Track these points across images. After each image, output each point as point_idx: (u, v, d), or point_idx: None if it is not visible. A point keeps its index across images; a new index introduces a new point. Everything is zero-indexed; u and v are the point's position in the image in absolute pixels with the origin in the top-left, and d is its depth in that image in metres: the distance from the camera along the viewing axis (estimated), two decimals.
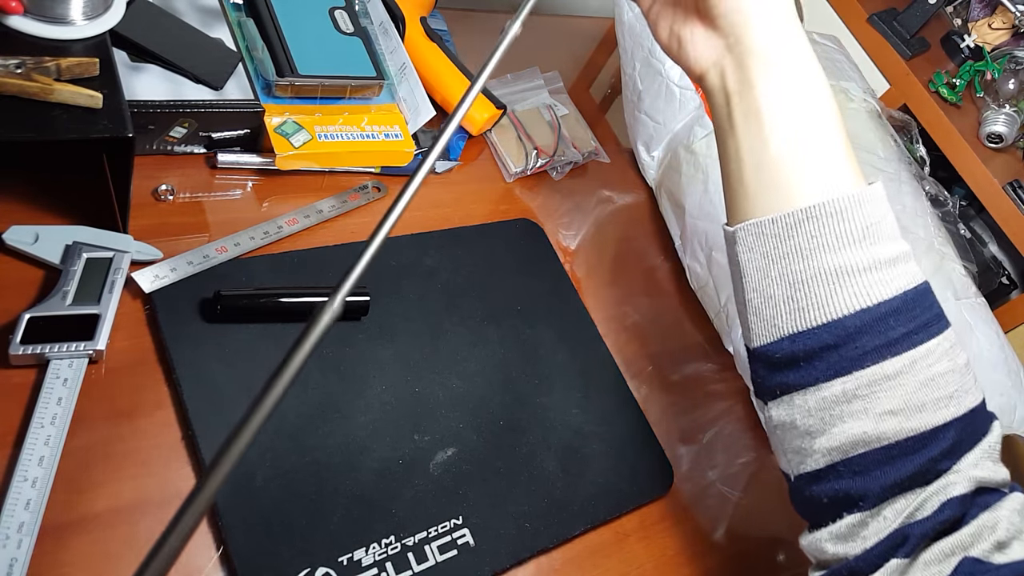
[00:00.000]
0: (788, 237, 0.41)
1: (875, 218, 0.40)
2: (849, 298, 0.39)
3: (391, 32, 0.66)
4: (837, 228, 0.40)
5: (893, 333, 0.39)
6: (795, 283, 0.40)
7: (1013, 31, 0.90)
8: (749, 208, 0.42)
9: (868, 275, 0.39)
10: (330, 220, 0.59)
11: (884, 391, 0.39)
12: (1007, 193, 0.81)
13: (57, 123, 0.41)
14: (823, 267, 0.40)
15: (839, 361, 0.40)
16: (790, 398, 0.42)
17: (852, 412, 0.40)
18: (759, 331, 0.43)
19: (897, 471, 0.39)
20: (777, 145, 0.41)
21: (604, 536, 0.55)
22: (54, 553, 0.39)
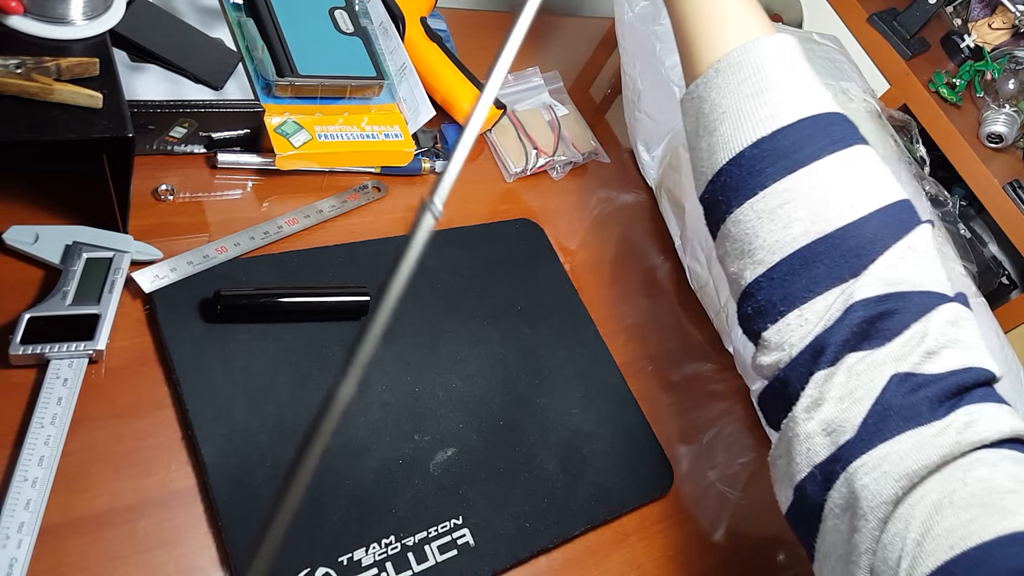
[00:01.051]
0: (707, 94, 0.45)
1: (769, 58, 0.44)
2: (747, 132, 0.43)
3: (391, 32, 0.66)
4: (735, 77, 0.44)
5: (792, 154, 0.42)
6: (709, 131, 0.45)
7: (1013, 31, 0.90)
8: (687, 78, 0.48)
9: (763, 109, 0.43)
10: (330, 220, 0.59)
11: (788, 203, 0.41)
12: (1007, 193, 0.81)
13: (57, 123, 0.41)
14: (727, 111, 0.44)
15: (747, 186, 0.43)
16: (721, 230, 0.45)
17: (764, 227, 0.42)
18: (697, 184, 0.47)
19: (810, 272, 0.41)
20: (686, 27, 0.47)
21: (604, 536, 0.55)
22: (54, 553, 0.39)
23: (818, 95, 0.46)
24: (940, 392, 0.37)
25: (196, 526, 0.43)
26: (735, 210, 0.44)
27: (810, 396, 0.39)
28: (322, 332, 0.52)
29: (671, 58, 0.73)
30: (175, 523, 0.43)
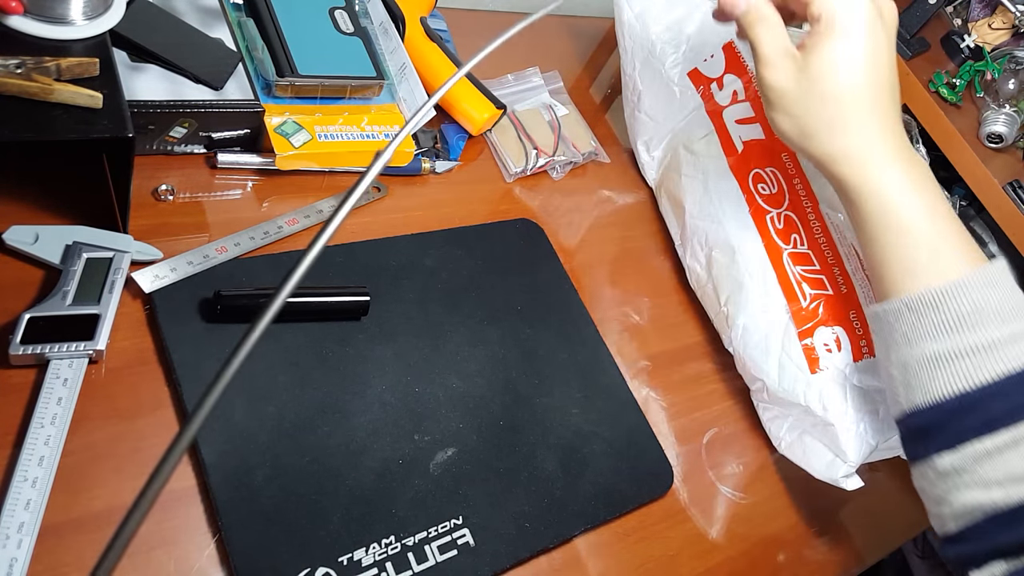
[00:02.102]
0: (896, 324, 0.46)
1: (973, 305, 0.43)
2: (947, 383, 0.43)
3: (391, 32, 0.66)
4: (933, 317, 0.44)
5: (994, 411, 0.42)
6: (904, 366, 0.45)
7: (1013, 31, 0.90)
8: (876, 295, 0.49)
9: (965, 361, 0.43)
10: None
11: (987, 465, 0.42)
12: (1007, 193, 0.81)
13: (57, 123, 0.41)
14: (924, 353, 0.44)
15: (944, 438, 0.44)
16: (915, 467, 0.47)
17: (964, 484, 0.43)
18: (891, 405, 0.48)
19: (1006, 536, 0.42)
20: (874, 248, 0.47)
21: (604, 536, 0.55)
22: (54, 553, 0.39)
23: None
24: None
25: (196, 526, 0.43)
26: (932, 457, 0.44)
27: None
28: (322, 332, 0.52)
29: (671, 58, 0.73)
30: (175, 523, 0.43)
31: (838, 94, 0.45)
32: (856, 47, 0.45)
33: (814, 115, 0.46)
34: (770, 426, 0.65)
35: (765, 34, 0.47)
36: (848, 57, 0.45)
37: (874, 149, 0.46)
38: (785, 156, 0.69)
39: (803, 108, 0.46)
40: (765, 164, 0.68)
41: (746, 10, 0.48)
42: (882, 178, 0.47)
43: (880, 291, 0.49)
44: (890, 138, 0.47)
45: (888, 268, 0.47)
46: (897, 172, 0.47)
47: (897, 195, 0.46)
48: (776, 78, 0.47)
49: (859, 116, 0.46)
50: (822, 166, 0.48)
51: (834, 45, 0.45)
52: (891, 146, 0.47)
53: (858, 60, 0.45)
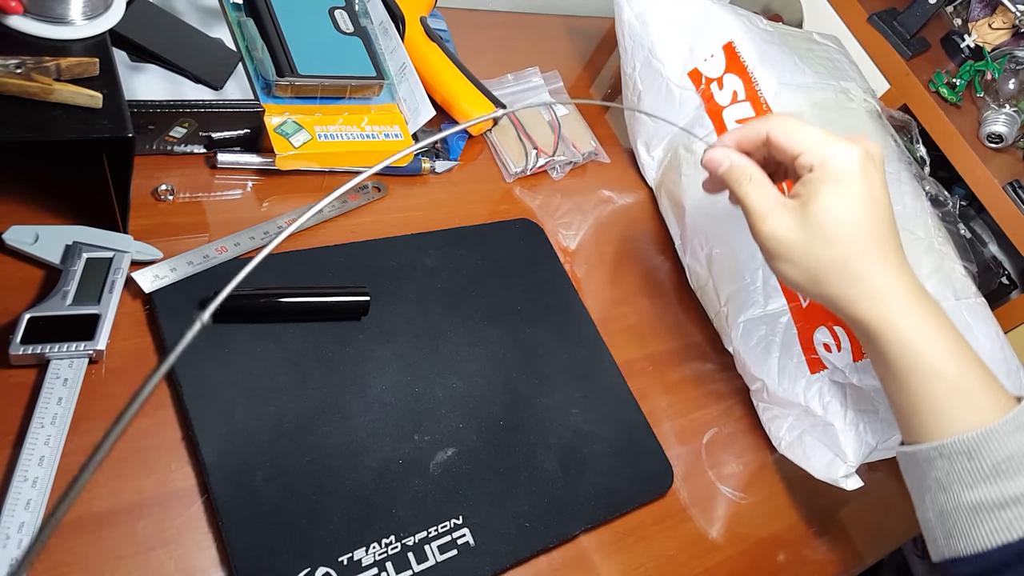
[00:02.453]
0: (929, 470, 0.45)
1: (1009, 451, 0.43)
2: (989, 533, 0.42)
3: (391, 32, 0.66)
4: (968, 465, 0.43)
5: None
6: (942, 513, 0.45)
7: (1013, 31, 0.90)
8: (903, 434, 0.48)
9: (1006, 511, 0.42)
10: (330, 220, 0.59)
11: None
12: (1007, 193, 0.81)
13: (57, 123, 0.41)
14: (962, 501, 0.43)
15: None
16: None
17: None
18: (932, 548, 0.47)
19: None
20: (901, 393, 0.46)
21: (604, 536, 0.55)
22: (54, 553, 0.39)
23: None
24: None
25: (196, 526, 0.43)
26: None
27: None
28: (322, 332, 0.52)
29: (671, 58, 0.73)
30: (175, 523, 0.43)
31: (845, 236, 0.45)
32: (855, 189, 0.45)
33: (823, 260, 0.46)
34: (770, 426, 0.65)
35: (754, 189, 0.47)
36: (849, 200, 0.45)
37: (891, 291, 0.46)
38: None
39: (810, 254, 0.46)
40: None
41: (729, 166, 0.48)
42: (904, 322, 0.46)
43: (908, 432, 0.47)
44: (904, 277, 0.47)
45: (917, 413, 0.46)
46: (917, 315, 0.46)
47: (921, 339, 0.46)
48: (777, 227, 0.46)
49: (869, 256, 0.46)
50: (839, 309, 0.47)
51: (833, 190, 0.45)
52: (906, 286, 0.46)
53: (859, 201, 0.45)
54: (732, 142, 0.49)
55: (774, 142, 0.48)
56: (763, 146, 0.49)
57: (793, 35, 0.81)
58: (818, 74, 0.76)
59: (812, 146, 0.46)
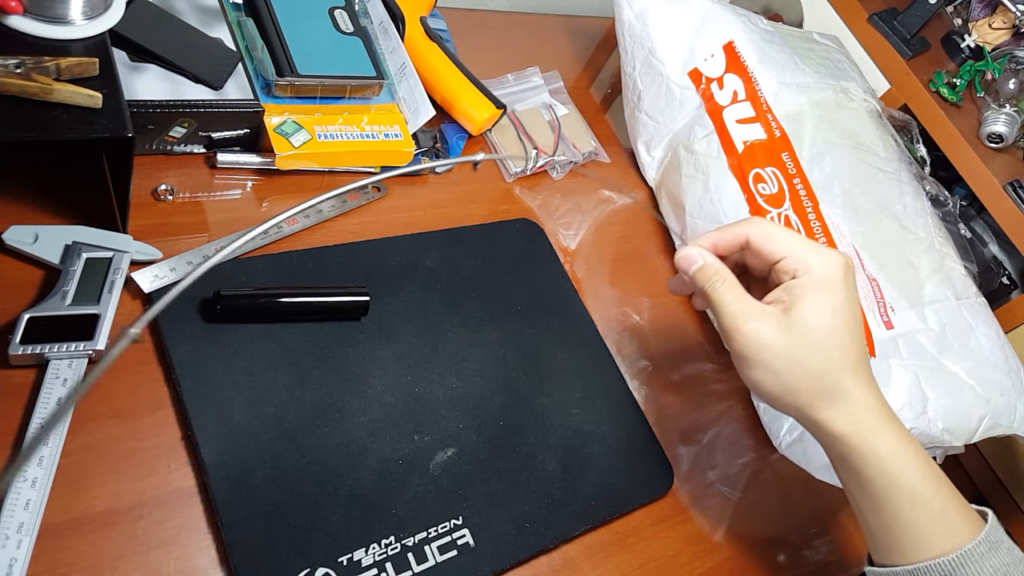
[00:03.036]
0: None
1: (984, 573, 0.43)
2: None
3: (391, 32, 0.66)
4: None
5: None
6: None
7: (1013, 31, 0.90)
8: (873, 552, 0.48)
9: None
10: (330, 220, 0.59)
11: None
12: (1007, 193, 0.81)
13: (57, 123, 0.41)
14: None
15: None
16: None
17: None
18: None
19: None
20: (871, 516, 0.46)
21: (604, 536, 0.55)
22: (54, 553, 0.39)
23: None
24: None
25: (196, 526, 0.43)
26: None
27: None
28: (322, 332, 0.52)
29: (671, 58, 0.73)
30: (175, 523, 0.43)
31: (828, 346, 0.44)
32: (841, 297, 0.45)
33: (804, 368, 0.44)
34: (770, 426, 0.65)
35: (729, 291, 0.46)
36: (835, 308, 0.44)
37: (867, 408, 0.45)
38: (786, 156, 0.69)
39: (790, 361, 0.44)
40: (765, 164, 0.68)
41: (702, 265, 0.46)
42: (881, 442, 0.45)
43: (880, 552, 0.47)
44: (877, 394, 0.46)
45: (892, 533, 0.46)
46: (892, 434, 0.45)
47: (899, 460, 0.45)
48: (759, 331, 0.44)
49: (848, 369, 0.45)
50: (811, 421, 0.46)
51: (820, 296, 0.44)
52: (880, 404, 0.46)
53: (844, 310, 0.45)
54: (708, 244, 0.48)
55: (755, 245, 0.46)
56: (739, 250, 0.48)
57: (793, 35, 0.81)
58: (818, 74, 0.76)
59: (797, 251, 0.45)
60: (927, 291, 0.68)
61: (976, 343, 0.67)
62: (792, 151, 0.69)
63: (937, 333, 0.65)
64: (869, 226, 0.69)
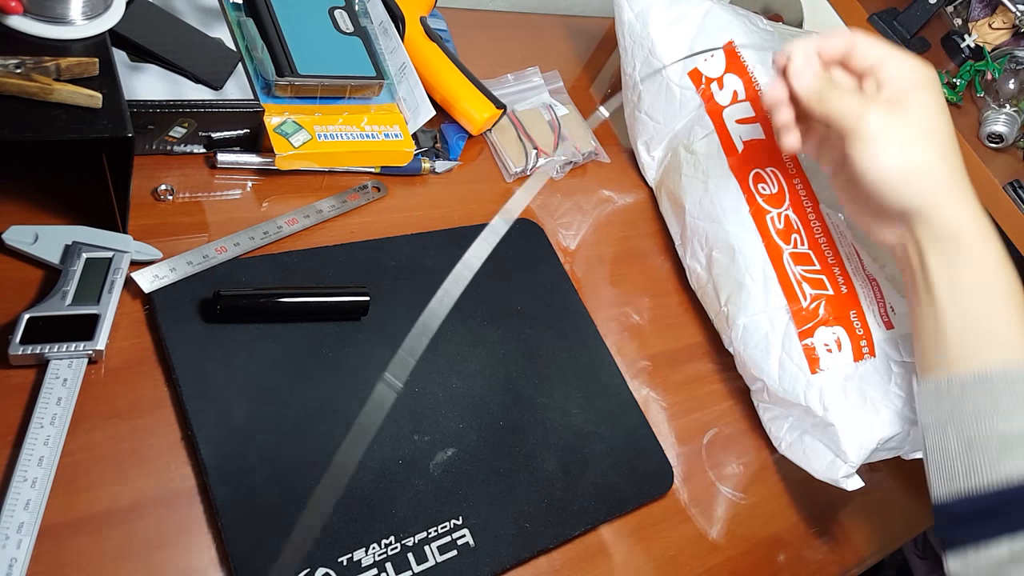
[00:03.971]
0: (963, 397, 0.44)
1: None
2: (1020, 464, 0.42)
3: (391, 32, 0.66)
4: (1008, 396, 0.43)
5: None
6: (970, 443, 0.44)
7: (1013, 31, 0.90)
8: (929, 367, 0.47)
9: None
10: (330, 220, 0.59)
11: None
12: (1007, 193, 0.81)
13: (57, 123, 0.41)
14: (995, 431, 0.43)
15: (1009, 523, 0.42)
16: (964, 553, 0.44)
17: (1021, 573, 0.42)
18: (938, 484, 0.46)
19: None
20: (952, 319, 0.45)
21: (604, 536, 0.55)
22: (54, 553, 0.39)
23: None
24: None
25: (196, 526, 0.43)
26: (991, 543, 0.43)
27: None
28: (322, 332, 0.52)
29: (671, 58, 0.73)
30: (175, 523, 0.43)
31: (946, 137, 0.46)
32: (942, 100, 0.47)
33: (930, 151, 0.46)
34: (770, 426, 0.65)
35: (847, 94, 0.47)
36: (940, 107, 0.47)
37: (978, 206, 0.46)
38: (786, 155, 0.69)
39: (917, 143, 0.46)
40: (765, 164, 0.68)
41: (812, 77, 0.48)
42: (990, 233, 0.46)
43: (945, 359, 0.46)
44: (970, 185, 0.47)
45: (971, 333, 0.45)
46: (987, 223, 0.46)
47: (1003, 254, 0.46)
48: (886, 114, 0.46)
49: (960, 163, 0.47)
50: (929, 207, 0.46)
51: (928, 95, 0.46)
52: (973, 194, 0.47)
53: (946, 112, 0.47)
54: (814, 49, 0.49)
55: (861, 48, 0.48)
56: (834, 62, 0.49)
57: (793, 35, 0.80)
58: None
59: (899, 56, 0.47)
60: None
61: None
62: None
63: None
64: None
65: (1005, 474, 0.42)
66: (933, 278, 0.47)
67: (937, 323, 0.46)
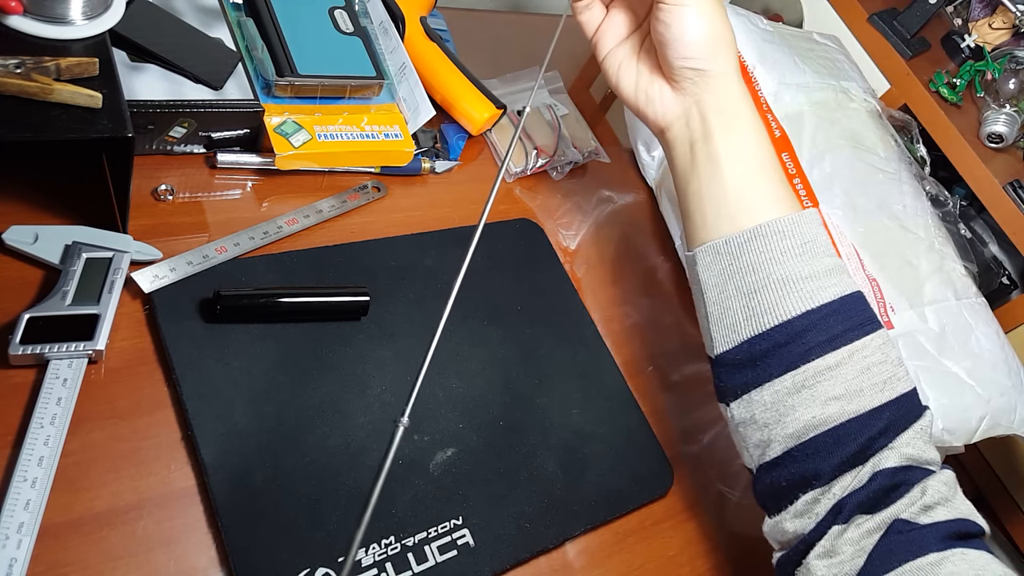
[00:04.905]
0: (741, 254, 0.48)
1: (810, 236, 0.47)
2: (796, 302, 0.46)
3: (391, 32, 0.66)
4: (780, 243, 0.47)
5: (833, 330, 0.46)
6: (749, 292, 0.47)
7: (1013, 31, 0.90)
8: (707, 234, 0.50)
9: (810, 282, 0.46)
10: (330, 220, 0.59)
11: (827, 380, 0.45)
12: (1007, 193, 0.81)
13: (57, 123, 0.41)
14: (772, 276, 0.47)
15: (789, 357, 0.46)
16: (748, 396, 0.48)
17: (802, 401, 0.46)
18: (721, 339, 0.49)
19: (843, 450, 0.45)
20: (731, 182, 0.49)
21: (604, 536, 0.55)
22: (54, 553, 0.39)
23: (848, 274, 0.49)
24: (938, 534, 0.43)
25: (196, 526, 0.43)
26: (774, 379, 0.46)
27: (824, 547, 0.44)
28: (322, 332, 0.52)
29: None
30: (175, 523, 0.43)
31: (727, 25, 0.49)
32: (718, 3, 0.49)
33: (725, 18, 0.49)
34: None
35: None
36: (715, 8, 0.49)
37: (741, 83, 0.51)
38: (786, 156, 0.69)
39: (716, 8, 0.48)
40: None
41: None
42: (749, 98, 0.50)
43: (720, 223, 0.49)
44: None
45: (745, 199, 0.48)
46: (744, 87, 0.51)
47: (758, 118, 0.51)
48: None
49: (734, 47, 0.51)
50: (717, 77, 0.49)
51: None
52: None
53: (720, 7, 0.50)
54: None
55: None
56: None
57: (793, 35, 0.81)
58: (818, 74, 0.76)
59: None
60: (927, 291, 0.68)
61: (976, 343, 0.67)
62: (792, 151, 0.69)
63: (937, 333, 0.65)
64: (869, 226, 0.69)
65: (784, 313, 0.46)
66: (717, 143, 0.49)
67: (720, 188, 0.49)
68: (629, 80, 0.53)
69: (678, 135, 0.52)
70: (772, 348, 0.46)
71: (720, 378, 0.50)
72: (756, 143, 0.50)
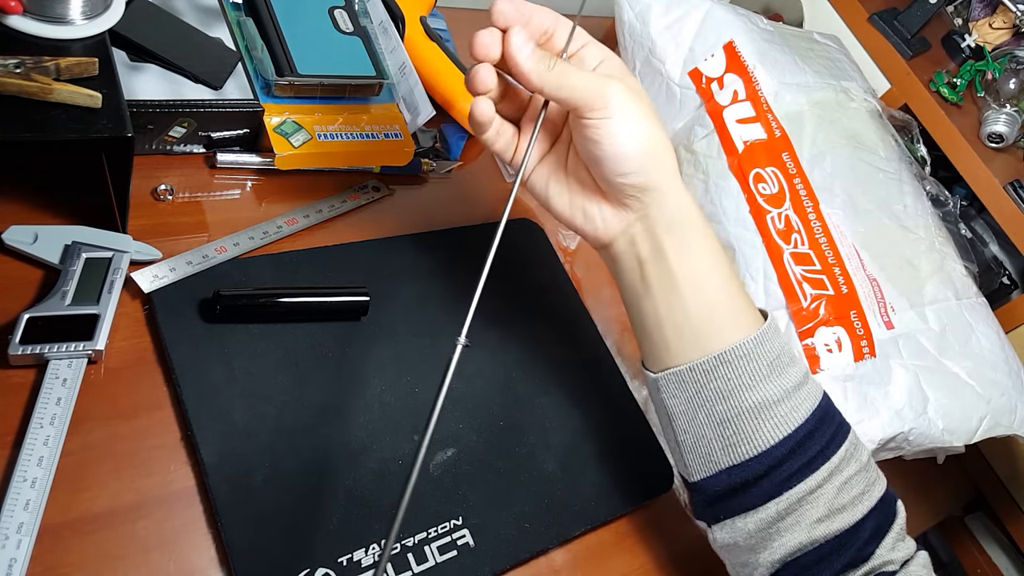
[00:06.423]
0: (708, 381, 0.46)
1: (776, 351, 0.46)
2: (772, 429, 0.44)
3: (391, 32, 0.66)
4: (749, 367, 0.45)
5: (810, 452, 0.45)
6: (722, 422, 0.45)
7: (1014, 31, 0.90)
8: (669, 358, 0.47)
9: (783, 404, 0.45)
10: (330, 220, 0.59)
11: (810, 504, 0.44)
12: (1008, 193, 0.81)
13: (56, 123, 0.41)
14: (744, 405, 0.45)
15: (771, 486, 0.45)
16: (731, 522, 0.47)
17: (787, 527, 0.45)
18: (696, 467, 0.47)
19: (832, 566, 0.44)
20: (693, 307, 0.46)
21: (604, 536, 0.55)
22: (54, 553, 0.39)
23: (809, 375, 0.48)
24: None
25: (196, 526, 0.43)
26: (758, 508, 0.45)
27: None
28: (322, 332, 0.52)
29: (671, 58, 0.73)
30: (175, 523, 0.43)
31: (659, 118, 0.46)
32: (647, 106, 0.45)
33: (659, 128, 0.45)
34: None
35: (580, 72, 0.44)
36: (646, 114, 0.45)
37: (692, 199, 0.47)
38: (786, 156, 0.69)
39: (650, 119, 0.44)
40: (766, 164, 0.68)
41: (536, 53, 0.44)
42: (700, 210, 0.47)
43: (682, 350, 0.46)
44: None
45: (705, 324, 0.46)
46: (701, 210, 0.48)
47: (712, 230, 0.48)
48: (626, 87, 0.44)
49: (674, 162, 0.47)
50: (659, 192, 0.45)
51: (633, 81, 0.46)
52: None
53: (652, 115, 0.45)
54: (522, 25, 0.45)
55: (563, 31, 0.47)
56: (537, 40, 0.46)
57: (793, 35, 0.80)
58: (818, 74, 0.76)
59: (596, 41, 0.48)
60: (927, 291, 0.68)
61: (976, 343, 0.67)
62: (792, 151, 0.69)
63: (937, 333, 0.65)
64: (869, 226, 0.69)
65: (761, 443, 0.44)
66: (672, 263, 0.46)
67: (680, 311, 0.46)
68: (561, 199, 0.49)
69: (622, 251, 0.48)
70: (752, 479, 0.45)
71: (697, 503, 0.49)
72: (712, 256, 0.46)
